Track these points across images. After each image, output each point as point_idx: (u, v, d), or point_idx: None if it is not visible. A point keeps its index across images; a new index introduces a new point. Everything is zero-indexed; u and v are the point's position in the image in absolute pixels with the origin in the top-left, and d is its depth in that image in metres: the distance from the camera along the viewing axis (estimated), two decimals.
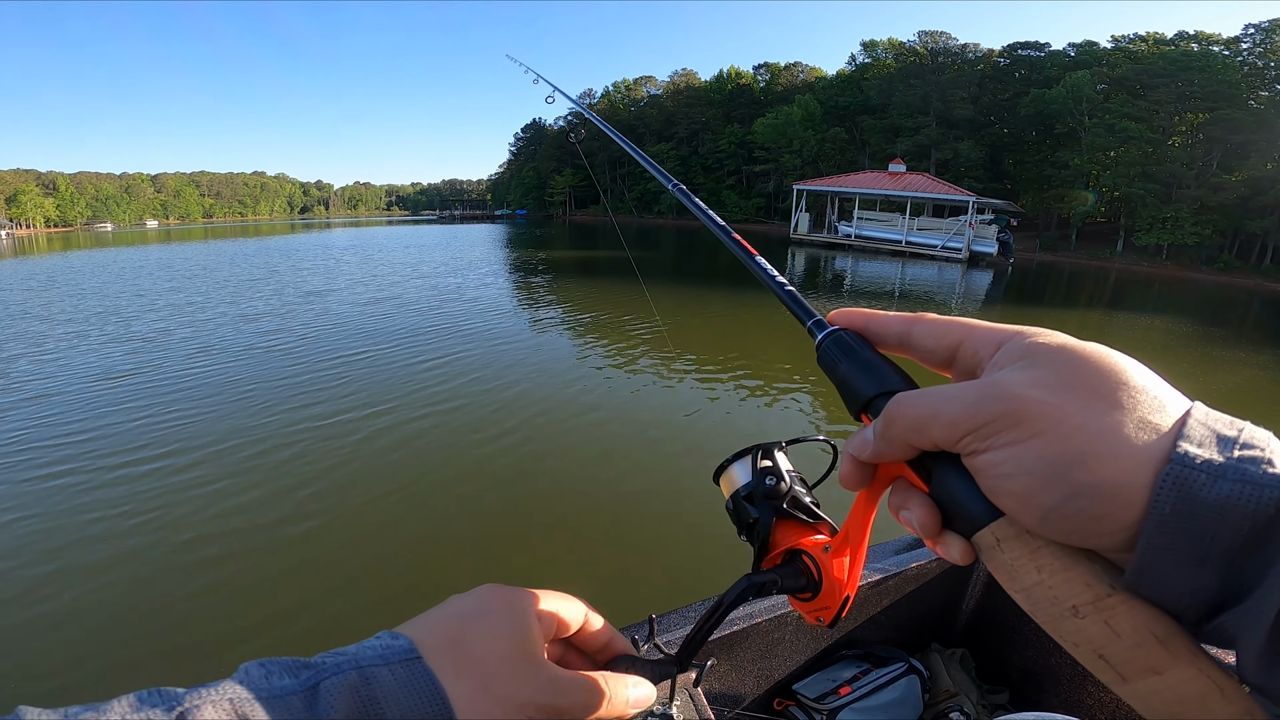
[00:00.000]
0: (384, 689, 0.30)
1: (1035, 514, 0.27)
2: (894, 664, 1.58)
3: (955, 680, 1.54)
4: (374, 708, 0.30)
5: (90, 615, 3.22)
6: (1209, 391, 8.29)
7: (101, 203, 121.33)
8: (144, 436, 5.56)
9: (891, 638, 1.64)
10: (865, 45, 51.47)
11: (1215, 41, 35.06)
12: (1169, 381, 0.27)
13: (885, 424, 0.33)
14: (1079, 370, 0.28)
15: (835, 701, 1.54)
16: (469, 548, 3.83)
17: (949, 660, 1.59)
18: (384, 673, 0.31)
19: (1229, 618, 0.24)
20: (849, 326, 0.39)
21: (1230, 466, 0.24)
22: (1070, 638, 0.28)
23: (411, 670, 0.32)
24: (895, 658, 1.60)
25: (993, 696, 1.55)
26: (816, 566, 0.43)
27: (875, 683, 1.57)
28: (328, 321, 10.99)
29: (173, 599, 3.33)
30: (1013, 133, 42.30)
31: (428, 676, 0.32)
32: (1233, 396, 8.18)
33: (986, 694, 1.56)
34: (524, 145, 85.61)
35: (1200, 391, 5.47)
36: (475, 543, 3.89)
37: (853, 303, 5.42)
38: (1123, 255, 34.50)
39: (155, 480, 4.70)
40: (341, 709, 0.29)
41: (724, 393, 6.94)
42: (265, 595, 3.38)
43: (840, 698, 1.57)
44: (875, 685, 1.56)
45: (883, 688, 1.56)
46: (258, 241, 39.58)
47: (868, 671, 1.60)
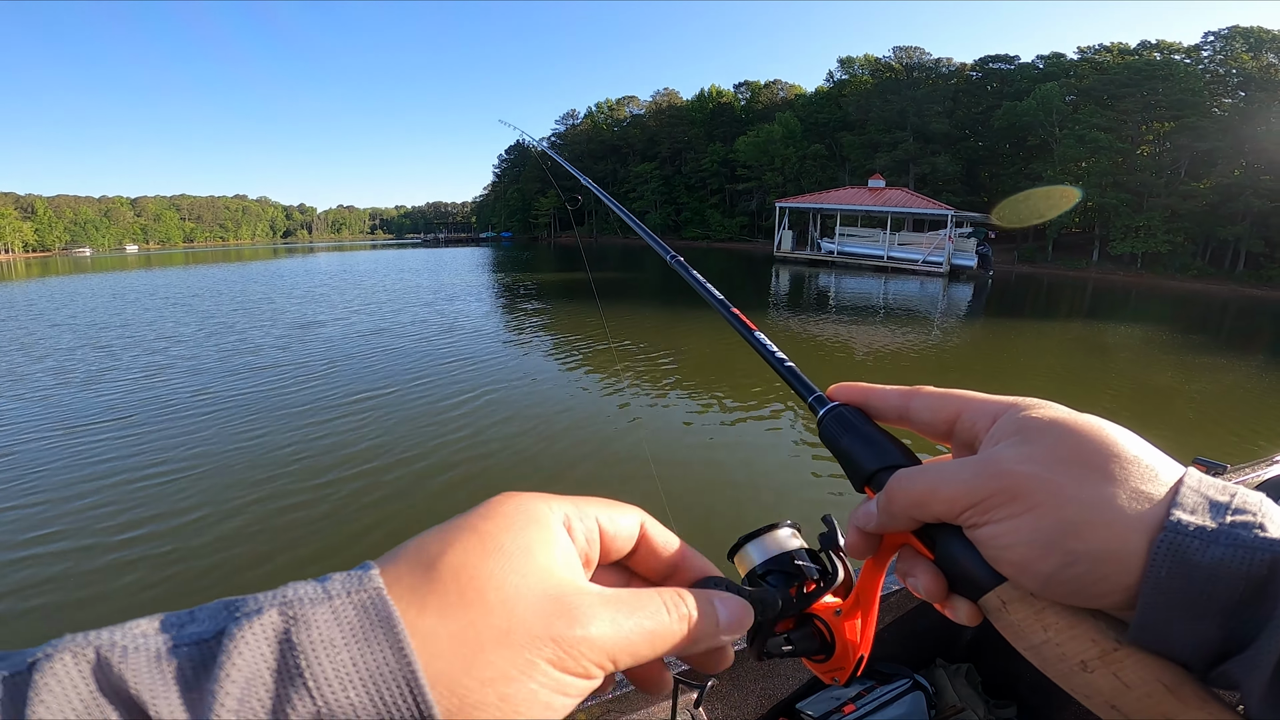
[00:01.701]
0: (316, 633, 0.21)
1: (1036, 580, 0.29)
2: (898, 680, 1.58)
3: (961, 695, 1.54)
4: (295, 658, 0.21)
5: None
6: (1196, 398, 8.43)
7: (80, 227, 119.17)
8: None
9: (895, 654, 1.64)
10: (843, 62, 52.38)
11: (1176, 50, 36.12)
12: (1156, 432, 0.30)
13: (887, 499, 0.34)
14: (1071, 445, 0.29)
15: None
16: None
17: (954, 675, 1.59)
18: (320, 612, 0.22)
19: (1232, 665, 0.25)
20: (849, 401, 0.40)
21: (1223, 532, 0.25)
22: (1082, 690, 0.29)
23: (361, 604, 0.23)
24: (899, 674, 1.59)
25: (1000, 711, 1.55)
26: (829, 630, 0.43)
27: (879, 700, 1.56)
28: (333, 355, 10.14)
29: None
30: (987, 146, 43.14)
31: (382, 611, 0.22)
32: (1216, 403, 8.31)
33: (994, 708, 1.56)
34: (508, 167, 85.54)
35: (1186, 400, 5.49)
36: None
37: (837, 320, 5.52)
38: (1099, 265, 35.18)
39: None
40: (246, 661, 0.20)
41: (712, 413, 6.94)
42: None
43: (844, 716, 1.56)
44: (879, 702, 1.56)
45: (887, 704, 1.55)
46: (240, 267, 39.16)
47: (871, 689, 1.59)
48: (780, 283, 25.08)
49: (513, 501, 0.29)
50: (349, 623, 0.22)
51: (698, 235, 56.18)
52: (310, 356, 9.89)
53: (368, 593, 0.23)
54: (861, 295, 20.74)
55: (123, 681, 0.20)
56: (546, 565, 0.27)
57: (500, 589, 0.25)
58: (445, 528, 0.27)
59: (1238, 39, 33.74)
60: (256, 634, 0.21)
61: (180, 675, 0.20)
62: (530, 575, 0.26)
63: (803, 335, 12.43)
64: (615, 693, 1.24)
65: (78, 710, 0.19)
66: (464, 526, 0.27)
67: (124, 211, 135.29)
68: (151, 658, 0.20)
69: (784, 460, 5.58)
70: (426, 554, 0.25)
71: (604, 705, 1.24)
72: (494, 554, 0.26)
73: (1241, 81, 33.24)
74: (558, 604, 0.26)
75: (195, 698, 0.20)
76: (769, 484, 5.05)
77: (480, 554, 0.25)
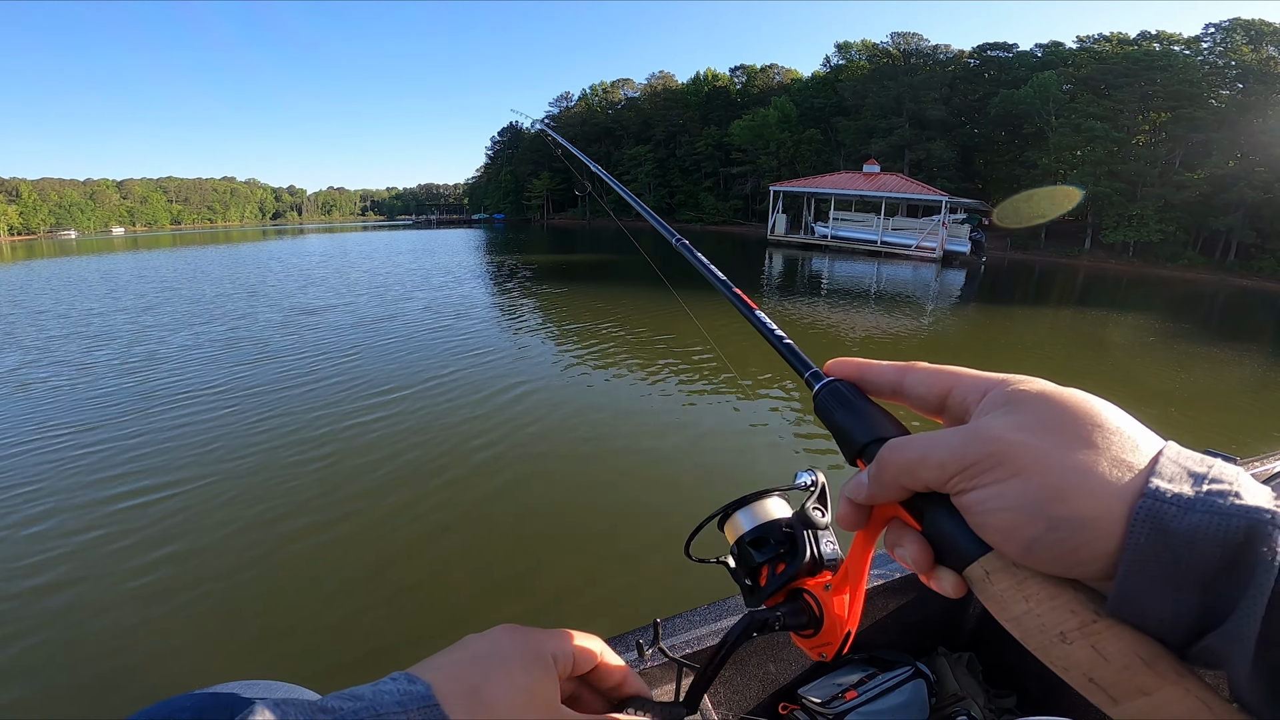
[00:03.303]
0: None
1: (1019, 546, 0.29)
2: (900, 668, 1.58)
3: (962, 684, 1.54)
4: None
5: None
6: (1186, 387, 8.50)
7: (65, 210, 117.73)
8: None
9: (897, 641, 1.64)
10: (840, 47, 51.93)
11: (1176, 41, 36.00)
12: (1142, 405, 0.30)
13: (878, 468, 0.35)
14: (1057, 414, 0.30)
15: (841, 706, 1.53)
16: (473, 554, 3.76)
17: (955, 664, 1.59)
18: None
19: (1212, 639, 0.25)
20: (844, 377, 0.41)
21: (1199, 500, 0.26)
22: (1060, 663, 0.29)
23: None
24: (901, 661, 1.59)
25: (1000, 700, 1.55)
26: (818, 604, 0.44)
27: (881, 687, 1.56)
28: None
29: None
30: (983, 133, 43.00)
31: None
32: (1205, 391, 8.38)
33: (994, 698, 1.56)
34: (501, 148, 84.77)
35: (1175, 387, 5.45)
36: (477, 549, 3.83)
37: (830, 303, 5.45)
38: (1091, 252, 35.29)
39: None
40: None
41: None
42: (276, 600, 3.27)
43: (846, 702, 1.56)
44: (881, 689, 1.56)
45: (888, 692, 1.55)
46: (230, 249, 38.69)
47: (873, 676, 1.59)
48: (773, 266, 25.00)
49: (518, 639, 0.40)
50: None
51: (691, 218, 55.90)
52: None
53: (433, 709, 0.34)
54: (855, 279, 20.70)
55: None
56: (549, 700, 0.39)
57: (522, 712, 0.37)
58: (474, 660, 0.38)
59: (1238, 31, 33.59)
60: None
61: None
62: (541, 707, 0.38)
63: (796, 318, 12.40)
64: None
65: None
66: (491, 661, 0.38)
67: (110, 194, 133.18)
68: None
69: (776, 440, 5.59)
70: (468, 685, 0.36)
71: None
72: (520, 691, 0.37)
73: (1240, 74, 33.12)
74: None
75: None
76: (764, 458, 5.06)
77: (510, 690, 0.37)
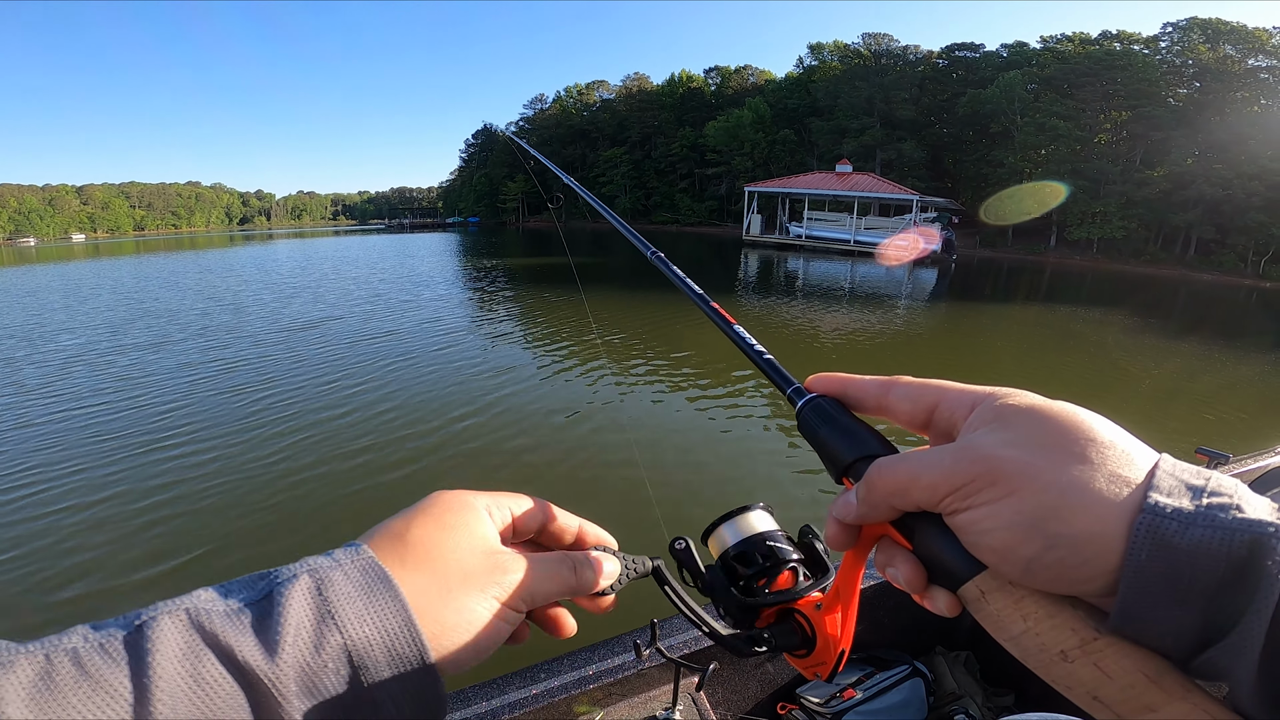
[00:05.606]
0: (337, 588, 0.30)
1: (1016, 566, 0.29)
2: (898, 667, 1.59)
3: (960, 683, 1.56)
4: (326, 606, 0.30)
5: None
6: (1156, 380, 8.73)
7: (24, 216, 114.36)
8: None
9: (895, 641, 1.65)
10: (812, 48, 52.64)
11: (1136, 40, 37.02)
12: (1122, 416, 0.30)
13: (867, 489, 0.34)
14: (1048, 429, 0.29)
15: (839, 705, 1.54)
16: None
17: (954, 663, 1.61)
18: (336, 574, 0.31)
19: (1215, 653, 0.25)
20: (826, 392, 0.40)
21: (1200, 514, 0.25)
22: (1063, 681, 0.28)
23: (362, 567, 0.32)
24: (899, 660, 1.61)
25: (998, 699, 1.57)
26: (809, 625, 0.42)
27: (879, 686, 1.57)
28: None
29: None
30: (952, 133, 43.76)
31: (377, 571, 0.32)
32: (1173, 384, 8.61)
33: (992, 696, 1.58)
34: (475, 151, 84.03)
35: (1146, 381, 5.61)
36: None
37: (805, 304, 5.52)
38: (1056, 250, 36.16)
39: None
40: (295, 611, 0.29)
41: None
42: None
43: (844, 701, 1.57)
44: (879, 688, 1.57)
45: (887, 691, 1.57)
46: (195, 256, 37.68)
47: (872, 675, 1.60)
48: (749, 266, 25.22)
49: (449, 495, 0.38)
50: (357, 580, 0.31)
51: (667, 220, 56.05)
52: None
53: (364, 559, 0.32)
54: (829, 278, 21.00)
55: (213, 634, 0.27)
56: (482, 535, 0.37)
57: (455, 550, 0.35)
58: (404, 514, 0.36)
59: (1195, 30, 34.63)
60: (298, 593, 0.30)
61: (252, 625, 0.28)
62: (473, 540, 0.36)
63: (772, 319, 12.53)
64: (618, 675, 1.22)
65: (186, 656, 0.26)
66: (418, 511, 0.36)
67: (70, 200, 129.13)
68: (227, 615, 0.28)
69: (771, 448, 5.63)
70: (395, 531, 0.35)
71: (605, 689, 1.22)
72: (446, 528, 0.36)
73: (1197, 72, 34.21)
74: (493, 559, 0.36)
75: (264, 640, 0.28)
76: (752, 470, 5.08)
77: (436, 528, 0.35)
